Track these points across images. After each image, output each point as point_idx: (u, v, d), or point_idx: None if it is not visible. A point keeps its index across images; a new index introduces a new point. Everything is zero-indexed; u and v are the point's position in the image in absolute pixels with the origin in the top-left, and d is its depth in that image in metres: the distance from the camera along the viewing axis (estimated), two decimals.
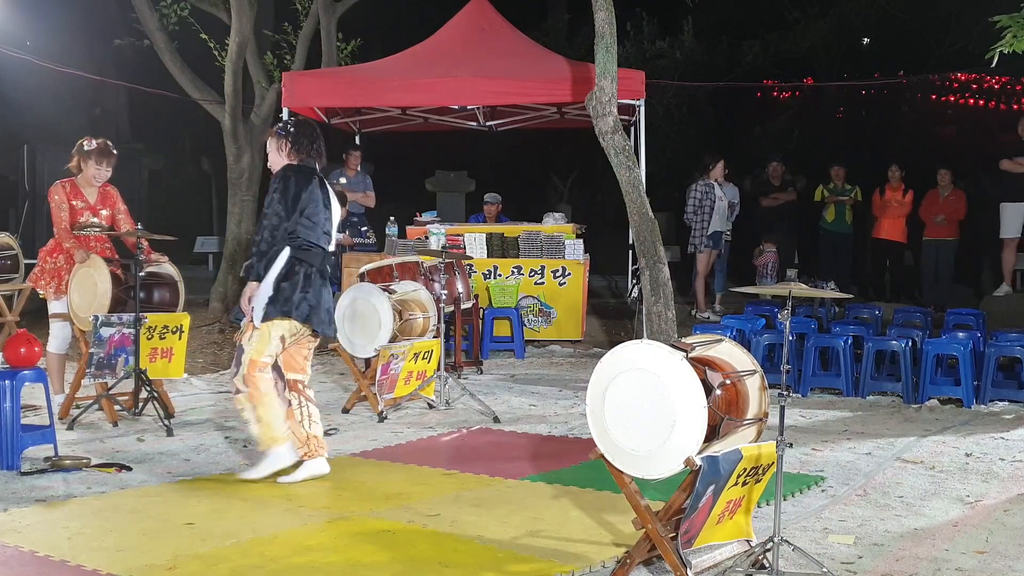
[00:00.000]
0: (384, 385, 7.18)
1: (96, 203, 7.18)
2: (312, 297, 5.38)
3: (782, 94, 21.21)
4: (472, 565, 4.19)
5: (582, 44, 18.24)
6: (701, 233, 11.85)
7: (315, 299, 5.39)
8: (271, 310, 5.32)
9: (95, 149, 7.10)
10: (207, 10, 12.98)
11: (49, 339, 7.17)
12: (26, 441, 5.81)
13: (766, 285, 11.55)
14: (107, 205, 7.23)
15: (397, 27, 17.95)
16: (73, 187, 7.12)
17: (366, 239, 11.16)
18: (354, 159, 11.64)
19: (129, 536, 4.57)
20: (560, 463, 5.95)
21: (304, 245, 5.36)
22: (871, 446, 6.44)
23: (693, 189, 11.88)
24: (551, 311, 10.62)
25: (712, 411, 3.80)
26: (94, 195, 7.18)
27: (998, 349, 7.88)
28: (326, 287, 5.51)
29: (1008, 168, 11.35)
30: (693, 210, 11.84)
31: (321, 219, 5.44)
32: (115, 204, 7.27)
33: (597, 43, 8.52)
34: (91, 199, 7.16)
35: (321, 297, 5.45)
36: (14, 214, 16.44)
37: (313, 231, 5.38)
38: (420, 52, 11.48)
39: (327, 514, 4.92)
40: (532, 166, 21.04)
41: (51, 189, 7.17)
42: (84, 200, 7.12)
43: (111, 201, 7.27)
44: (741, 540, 4.19)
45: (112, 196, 7.29)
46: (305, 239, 5.36)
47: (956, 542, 4.54)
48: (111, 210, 7.24)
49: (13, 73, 15.55)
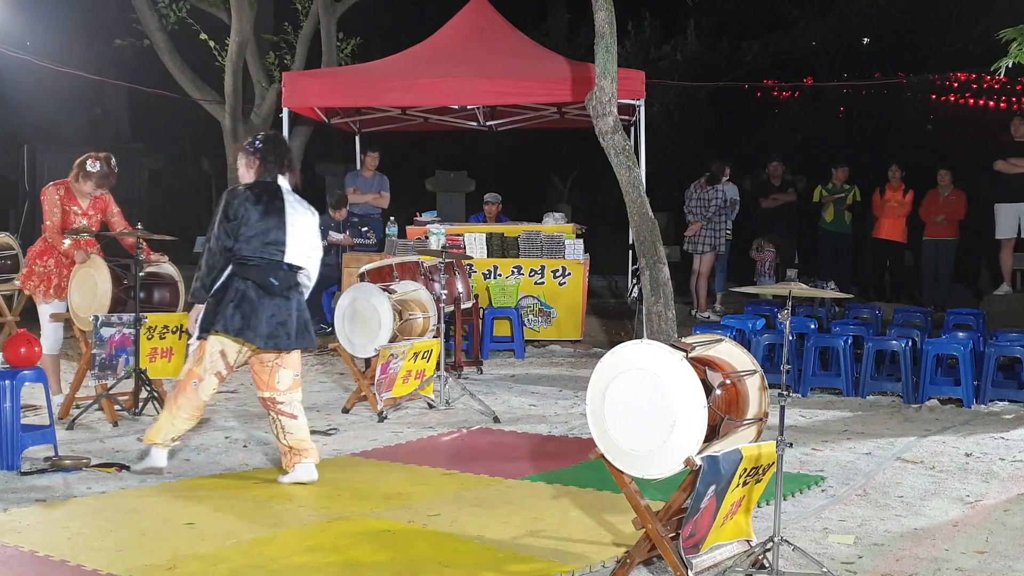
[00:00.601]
0: (383, 384, 7.18)
1: (88, 208, 7.22)
2: (247, 310, 5.27)
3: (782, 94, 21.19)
4: (472, 565, 4.19)
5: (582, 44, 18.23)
6: (720, 234, 11.94)
7: (251, 312, 5.27)
8: (204, 326, 5.37)
9: (97, 173, 7.12)
10: (207, 10, 12.99)
11: (41, 341, 7.16)
12: (26, 441, 5.81)
13: (766, 285, 11.57)
14: (98, 210, 7.26)
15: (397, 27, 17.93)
16: (68, 192, 7.14)
17: (366, 239, 11.17)
18: (371, 160, 11.70)
19: (129, 536, 4.57)
20: (560, 463, 5.95)
21: (245, 260, 5.31)
22: (871, 446, 6.44)
23: (715, 190, 11.89)
24: (551, 311, 10.62)
25: (712, 411, 3.80)
26: (87, 201, 7.22)
27: (998, 349, 7.88)
28: (271, 299, 5.32)
29: (1003, 169, 11.36)
30: (717, 211, 11.89)
31: (269, 231, 5.32)
32: (107, 208, 7.30)
33: (597, 43, 8.52)
34: (84, 205, 7.21)
35: (259, 310, 5.28)
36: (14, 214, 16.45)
37: (249, 244, 5.30)
38: (420, 52, 11.48)
39: (327, 514, 4.92)
40: (532, 166, 21.03)
41: (44, 190, 7.19)
42: (77, 205, 7.16)
43: (102, 205, 7.30)
44: (741, 540, 4.19)
45: (104, 200, 7.31)
46: (247, 254, 5.31)
47: (956, 542, 4.54)
48: (102, 214, 7.27)
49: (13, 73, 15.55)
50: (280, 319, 5.35)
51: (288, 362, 5.52)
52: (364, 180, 11.72)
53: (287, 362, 5.51)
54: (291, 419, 5.54)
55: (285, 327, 5.37)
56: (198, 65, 13.29)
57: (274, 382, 5.50)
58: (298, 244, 5.40)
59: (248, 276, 5.30)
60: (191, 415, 5.52)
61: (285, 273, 5.37)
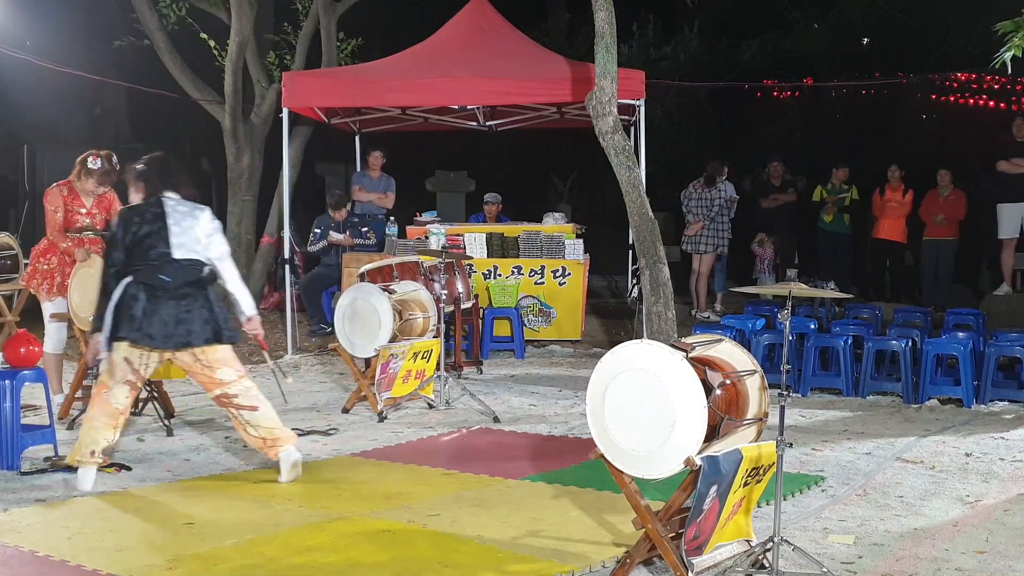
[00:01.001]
0: (382, 383, 7.18)
1: (92, 207, 7.23)
2: (140, 314, 5.28)
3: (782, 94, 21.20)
4: (472, 565, 4.19)
5: (582, 44, 18.21)
6: (722, 234, 11.95)
7: (144, 316, 5.28)
8: (107, 337, 5.37)
9: (99, 171, 7.13)
10: (207, 10, 12.98)
11: (45, 339, 7.17)
12: (26, 441, 5.82)
13: (766, 285, 11.58)
14: (103, 208, 7.28)
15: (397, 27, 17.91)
16: (71, 191, 7.17)
17: (366, 239, 11.17)
18: (375, 159, 11.74)
19: (129, 536, 4.57)
20: (560, 463, 5.95)
21: (135, 269, 5.35)
22: (871, 446, 6.44)
23: (717, 190, 11.90)
24: (551, 311, 10.62)
25: (712, 411, 3.80)
26: (91, 200, 7.23)
27: (998, 349, 7.88)
28: (168, 300, 5.32)
29: (1006, 169, 11.36)
30: (719, 211, 11.91)
31: (151, 235, 5.36)
32: (111, 206, 7.31)
33: (597, 43, 8.52)
34: (88, 203, 7.21)
35: (155, 312, 5.29)
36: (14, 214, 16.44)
37: (135, 253, 5.35)
38: (420, 52, 11.47)
39: (327, 514, 4.92)
40: (532, 166, 21.02)
41: (48, 190, 7.22)
42: (82, 204, 7.17)
43: (107, 204, 7.31)
44: (741, 540, 4.19)
45: (108, 199, 7.33)
46: (136, 263, 5.35)
47: (956, 542, 4.54)
48: (106, 213, 7.28)
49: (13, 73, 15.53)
50: (179, 318, 5.34)
51: (215, 360, 5.46)
52: (370, 180, 11.80)
53: (213, 360, 5.45)
54: (252, 411, 5.53)
55: (186, 324, 5.35)
56: (198, 65, 13.28)
57: (215, 378, 5.48)
58: (184, 240, 5.40)
59: (139, 280, 5.33)
60: (107, 423, 5.44)
61: (176, 269, 5.35)
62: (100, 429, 5.43)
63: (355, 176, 12.17)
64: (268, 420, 5.57)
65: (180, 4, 12.77)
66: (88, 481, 5.39)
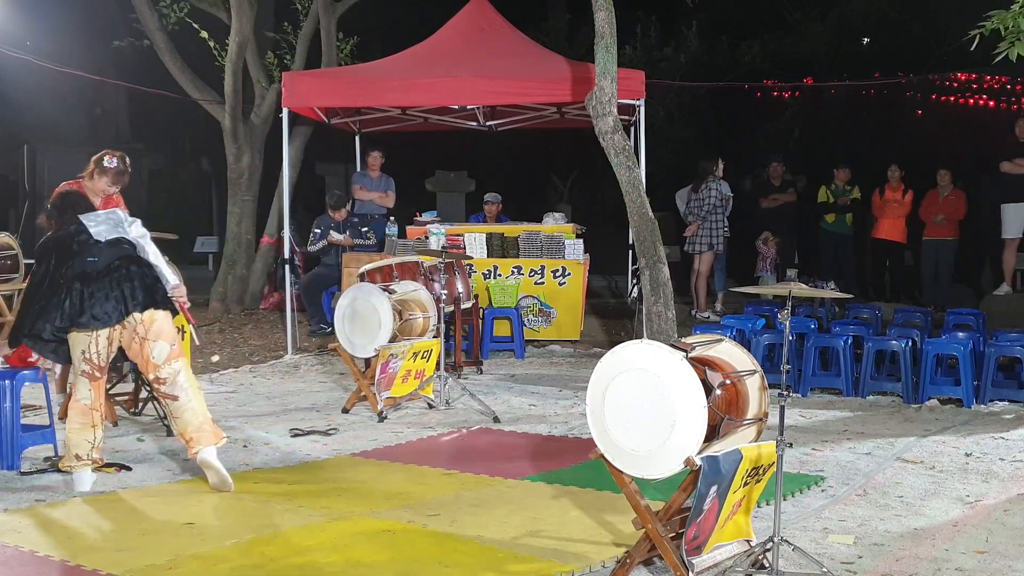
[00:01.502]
0: (382, 383, 7.18)
1: (100, 208, 7.21)
2: (77, 299, 5.32)
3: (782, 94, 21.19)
4: (472, 565, 4.19)
5: (582, 44, 18.21)
6: (719, 231, 11.92)
7: (81, 300, 5.32)
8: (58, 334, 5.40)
9: (113, 169, 7.11)
10: (207, 10, 12.98)
11: None
12: (26, 441, 5.82)
13: (766, 285, 11.57)
14: None
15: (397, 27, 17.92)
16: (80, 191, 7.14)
17: (366, 239, 11.18)
18: (374, 159, 11.77)
19: (129, 536, 4.57)
20: (560, 463, 5.95)
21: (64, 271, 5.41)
22: (871, 446, 6.44)
23: (707, 188, 11.87)
24: (551, 311, 10.62)
25: (712, 411, 3.80)
26: (98, 201, 7.22)
27: (998, 349, 7.88)
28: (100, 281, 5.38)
29: (1009, 170, 11.36)
30: (711, 209, 11.88)
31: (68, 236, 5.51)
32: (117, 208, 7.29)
33: (597, 43, 8.52)
34: (96, 204, 7.20)
35: (91, 295, 5.34)
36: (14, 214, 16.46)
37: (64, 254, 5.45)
38: (420, 52, 11.47)
39: (327, 514, 4.92)
40: (532, 166, 21.03)
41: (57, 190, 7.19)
42: None
43: (114, 206, 7.29)
44: (741, 540, 4.19)
45: (114, 201, 7.31)
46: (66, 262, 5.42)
47: (956, 542, 4.54)
48: None
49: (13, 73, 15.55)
50: (115, 295, 5.40)
51: (153, 332, 5.46)
52: (370, 180, 11.83)
53: (152, 331, 5.46)
54: (173, 400, 5.48)
55: (122, 295, 5.41)
56: (198, 65, 13.28)
57: (149, 356, 5.46)
58: (102, 228, 5.58)
59: (69, 274, 5.39)
60: (82, 423, 5.43)
61: (102, 249, 5.47)
62: (78, 431, 5.42)
63: (355, 176, 12.20)
64: (187, 413, 5.45)
65: (180, 4, 12.77)
66: (85, 483, 5.39)
